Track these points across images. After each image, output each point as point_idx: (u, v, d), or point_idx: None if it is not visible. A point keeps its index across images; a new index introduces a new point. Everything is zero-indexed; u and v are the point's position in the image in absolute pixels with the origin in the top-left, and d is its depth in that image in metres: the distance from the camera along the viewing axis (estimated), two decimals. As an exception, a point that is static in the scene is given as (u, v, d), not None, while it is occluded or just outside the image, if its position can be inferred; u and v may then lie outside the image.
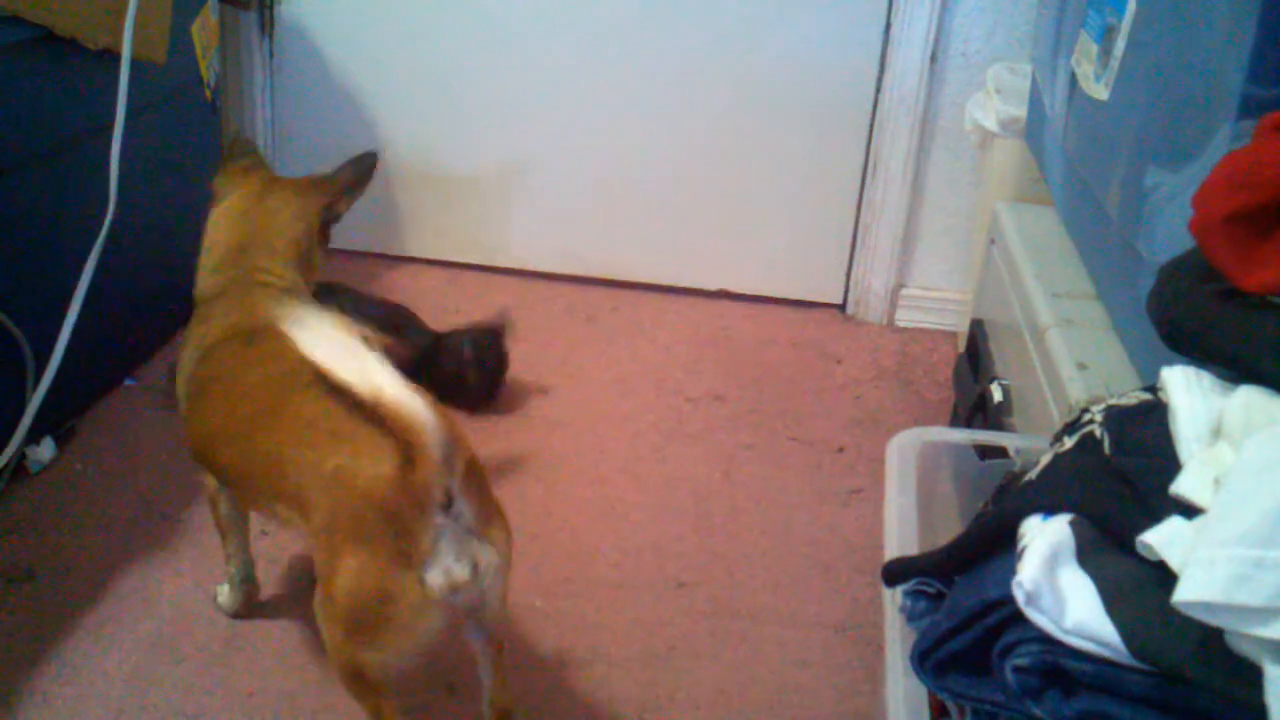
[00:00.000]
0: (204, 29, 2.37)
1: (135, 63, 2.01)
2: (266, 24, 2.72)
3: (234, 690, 1.62)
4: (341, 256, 2.71)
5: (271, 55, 2.77)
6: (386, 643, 1.29)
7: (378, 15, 2.71)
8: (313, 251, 1.70)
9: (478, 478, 1.31)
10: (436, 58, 2.74)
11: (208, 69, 2.43)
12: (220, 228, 1.67)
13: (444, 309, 2.64)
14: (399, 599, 1.25)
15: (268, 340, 1.46)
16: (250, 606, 1.76)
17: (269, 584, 1.81)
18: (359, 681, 1.32)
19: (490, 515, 1.32)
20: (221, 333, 1.55)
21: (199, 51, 2.37)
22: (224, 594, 1.75)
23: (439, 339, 2.34)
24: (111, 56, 1.99)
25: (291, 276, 1.65)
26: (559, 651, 1.73)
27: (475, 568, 1.27)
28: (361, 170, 1.73)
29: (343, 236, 2.84)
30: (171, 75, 2.25)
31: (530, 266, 2.91)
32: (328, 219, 1.72)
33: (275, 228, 1.66)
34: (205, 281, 1.65)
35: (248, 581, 1.75)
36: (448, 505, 1.24)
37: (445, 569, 1.25)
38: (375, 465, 1.23)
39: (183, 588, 1.80)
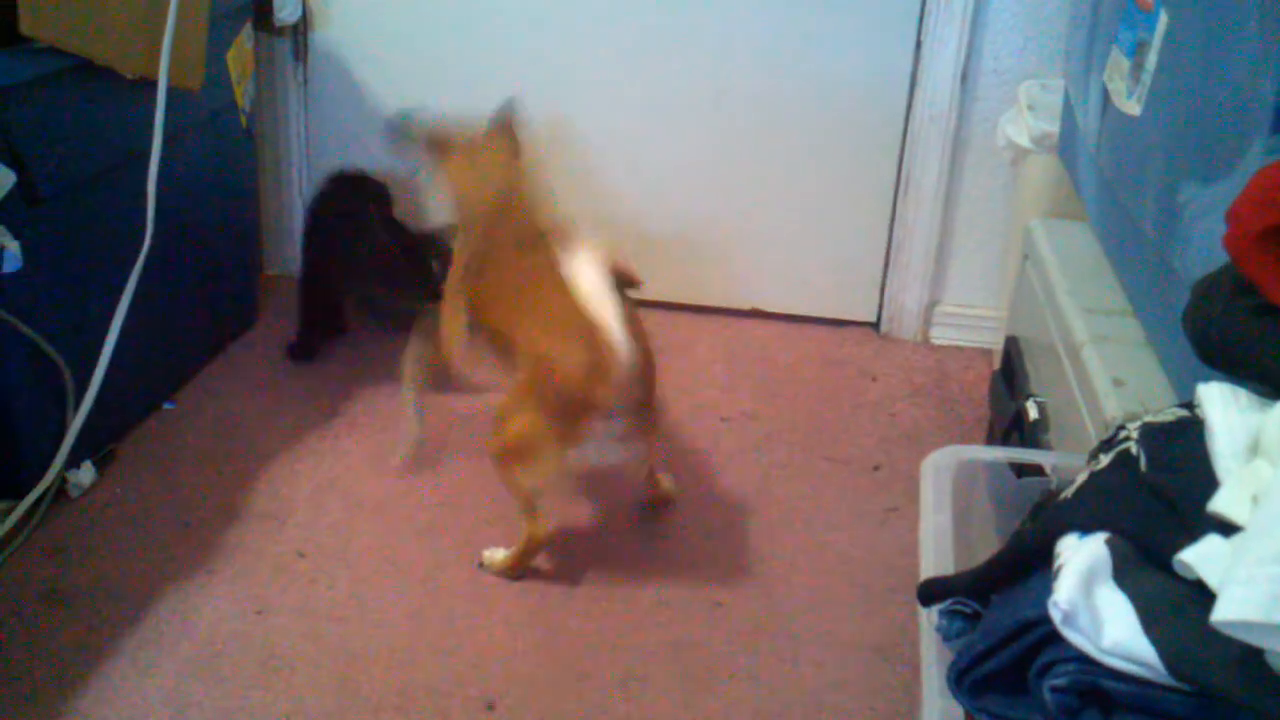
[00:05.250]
0: (239, 56, 2.40)
1: (171, 90, 2.04)
2: (300, 50, 2.75)
3: (272, 712, 1.63)
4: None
5: (306, 81, 2.79)
6: (530, 472, 1.81)
7: (411, 41, 2.73)
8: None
9: (647, 407, 1.84)
10: (468, 84, 2.75)
11: (243, 95, 2.45)
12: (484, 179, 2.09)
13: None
14: (546, 458, 1.77)
15: (537, 250, 1.92)
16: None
17: (311, 604, 1.83)
18: (511, 482, 1.85)
19: (642, 430, 1.85)
20: (503, 239, 1.98)
21: (234, 78, 2.39)
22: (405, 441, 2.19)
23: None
24: (148, 84, 2.01)
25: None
26: (595, 671, 1.73)
27: (613, 462, 1.82)
28: (516, 125, 2.15)
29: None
30: (207, 102, 2.27)
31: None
32: None
33: (522, 179, 2.09)
34: (482, 208, 2.05)
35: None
36: (610, 415, 1.73)
37: (587, 456, 1.77)
38: (573, 366, 1.70)
39: (221, 610, 1.82)
